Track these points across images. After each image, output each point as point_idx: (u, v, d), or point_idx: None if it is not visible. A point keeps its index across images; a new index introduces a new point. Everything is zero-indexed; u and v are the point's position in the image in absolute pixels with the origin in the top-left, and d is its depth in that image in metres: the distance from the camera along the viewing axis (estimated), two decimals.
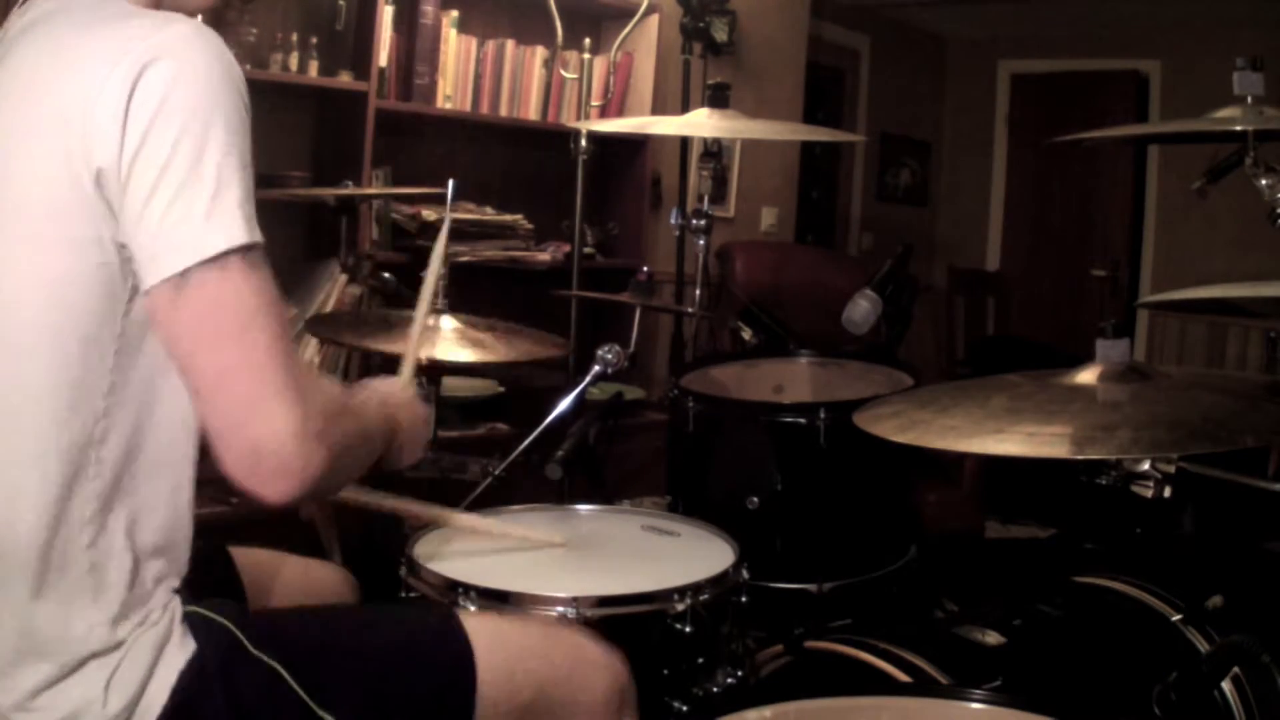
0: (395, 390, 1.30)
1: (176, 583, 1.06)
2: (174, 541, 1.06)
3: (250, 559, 1.39)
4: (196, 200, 0.93)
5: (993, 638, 1.47)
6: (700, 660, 1.40)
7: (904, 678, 1.37)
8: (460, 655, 1.15)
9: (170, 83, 0.94)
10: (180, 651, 1.03)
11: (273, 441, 0.95)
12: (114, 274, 0.97)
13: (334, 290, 2.82)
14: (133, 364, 1.00)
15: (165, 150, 0.93)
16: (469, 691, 1.14)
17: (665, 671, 1.37)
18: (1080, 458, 1.18)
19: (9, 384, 0.99)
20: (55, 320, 0.97)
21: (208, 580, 1.12)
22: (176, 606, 1.05)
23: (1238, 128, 1.34)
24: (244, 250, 0.95)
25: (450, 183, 2.14)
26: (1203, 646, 1.50)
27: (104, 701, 0.98)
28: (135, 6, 1.03)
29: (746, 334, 2.36)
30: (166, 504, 1.04)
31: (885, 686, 1.32)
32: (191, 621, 1.05)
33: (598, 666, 1.24)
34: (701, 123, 2.23)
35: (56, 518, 0.98)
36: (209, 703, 1.02)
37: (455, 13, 3.34)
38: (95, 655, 0.99)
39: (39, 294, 0.97)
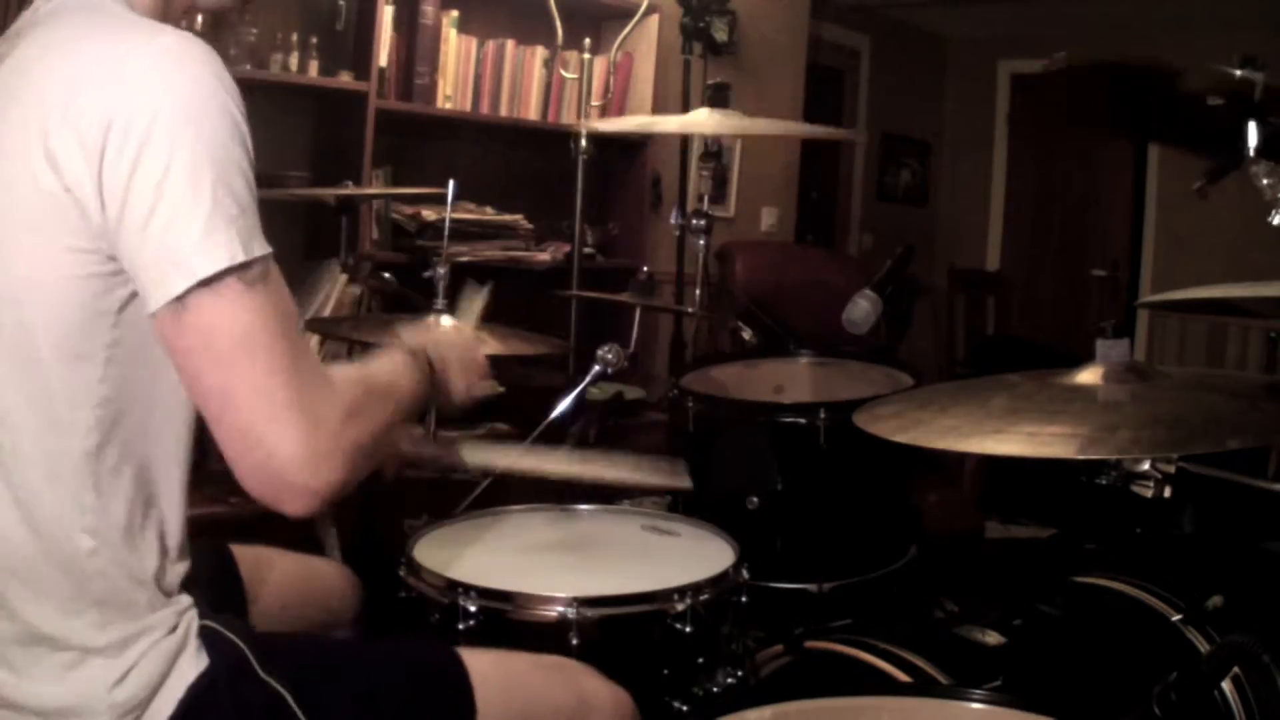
0: (441, 331, 1.29)
1: (186, 592, 1.06)
2: (176, 549, 1.05)
3: (251, 557, 1.39)
4: (192, 222, 0.92)
5: (993, 638, 1.47)
6: (700, 660, 1.40)
7: (904, 678, 1.37)
8: (460, 696, 1.14)
9: (155, 108, 0.92)
10: (194, 664, 1.03)
11: (279, 463, 0.94)
12: (101, 285, 0.96)
13: (334, 290, 2.82)
14: (128, 375, 0.99)
15: (157, 175, 0.91)
16: None
17: (665, 671, 1.37)
18: (1080, 458, 1.18)
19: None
20: (35, 330, 0.96)
21: (208, 579, 1.12)
22: (193, 618, 1.05)
23: (1237, 72, 1.31)
24: (241, 269, 0.93)
25: (450, 183, 2.14)
26: (1203, 646, 1.50)
27: (109, 701, 0.99)
28: (128, 13, 1.01)
29: (746, 334, 2.36)
30: (168, 513, 1.04)
31: (885, 686, 1.32)
32: (205, 635, 1.05)
33: (604, 707, 1.22)
34: (702, 121, 2.23)
35: (52, 526, 0.98)
36: (214, 718, 1.02)
37: (455, 13, 3.34)
38: (100, 653, 0.99)
39: (18, 302, 0.96)
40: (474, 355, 1.31)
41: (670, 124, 2.39)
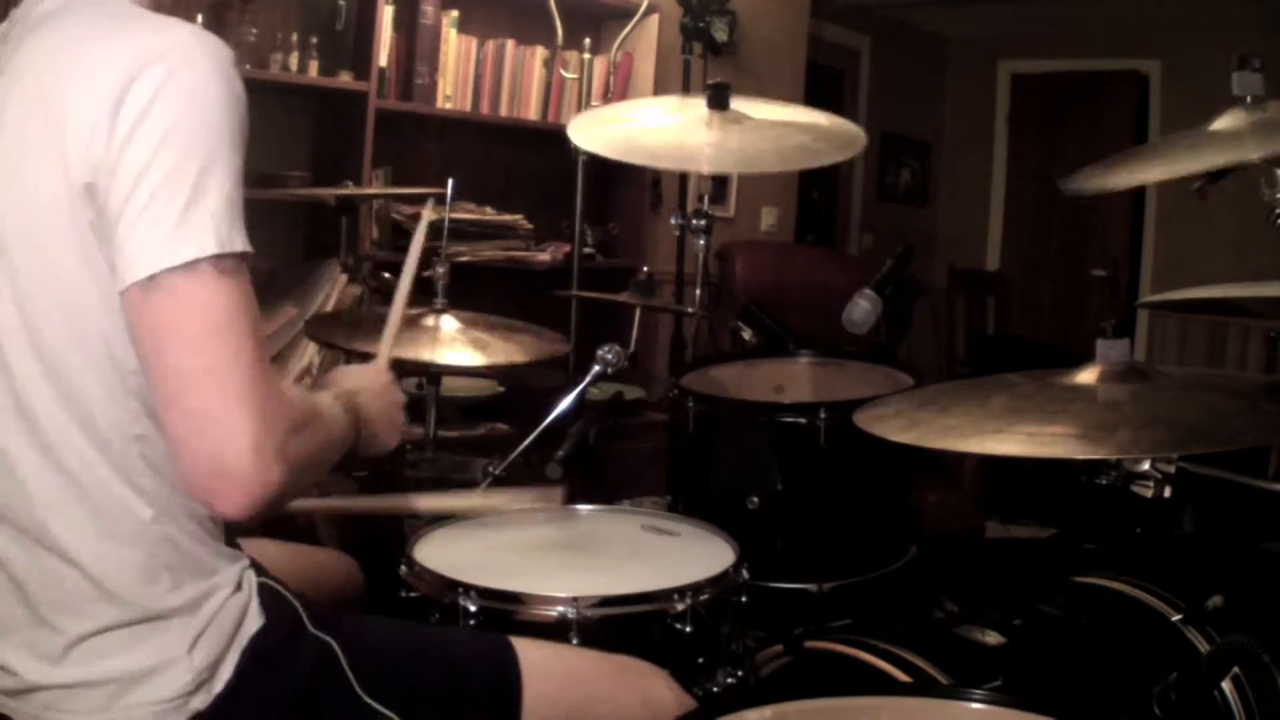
0: (367, 378, 1.28)
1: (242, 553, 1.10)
2: None
3: (260, 551, 1.39)
4: (171, 206, 0.93)
5: (993, 638, 1.47)
6: (700, 660, 1.40)
7: (904, 678, 1.37)
8: (508, 678, 1.15)
9: (157, 89, 0.93)
10: (255, 621, 1.06)
11: (229, 454, 0.94)
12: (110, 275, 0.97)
13: (334, 290, 2.82)
14: None
15: (146, 155, 0.93)
16: (513, 711, 1.14)
17: (665, 671, 1.37)
18: (1080, 458, 1.18)
19: (41, 379, 0.99)
20: (89, 317, 0.98)
21: None
22: (253, 576, 1.09)
23: (1252, 158, 1.31)
24: (216, 259, 0.94)
25: (450, 182, 2.14)
26: (1203, 646, 1.50)
27: (189, 663, 1.01)
28: (138, 8, 1.03)
29: (746, 334, 2.36)
30: None
31: (885, 686, 1.32)
32: (262, 593, 1.08)
33: (668, 714, 1.21)
34: (698, 146, 2.12)
35: (111, 501, 1.00)
36: (270, 674, 1.05)
37: (455, 13, 3.34)
38: (177, 614, 1.02)
39: (59, 295, 0.98)
40: (395, 412, 1.29)
41: (662, 146, 2.24)
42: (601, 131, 2.26)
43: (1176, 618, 1.54)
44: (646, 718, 1.20)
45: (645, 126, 2.26)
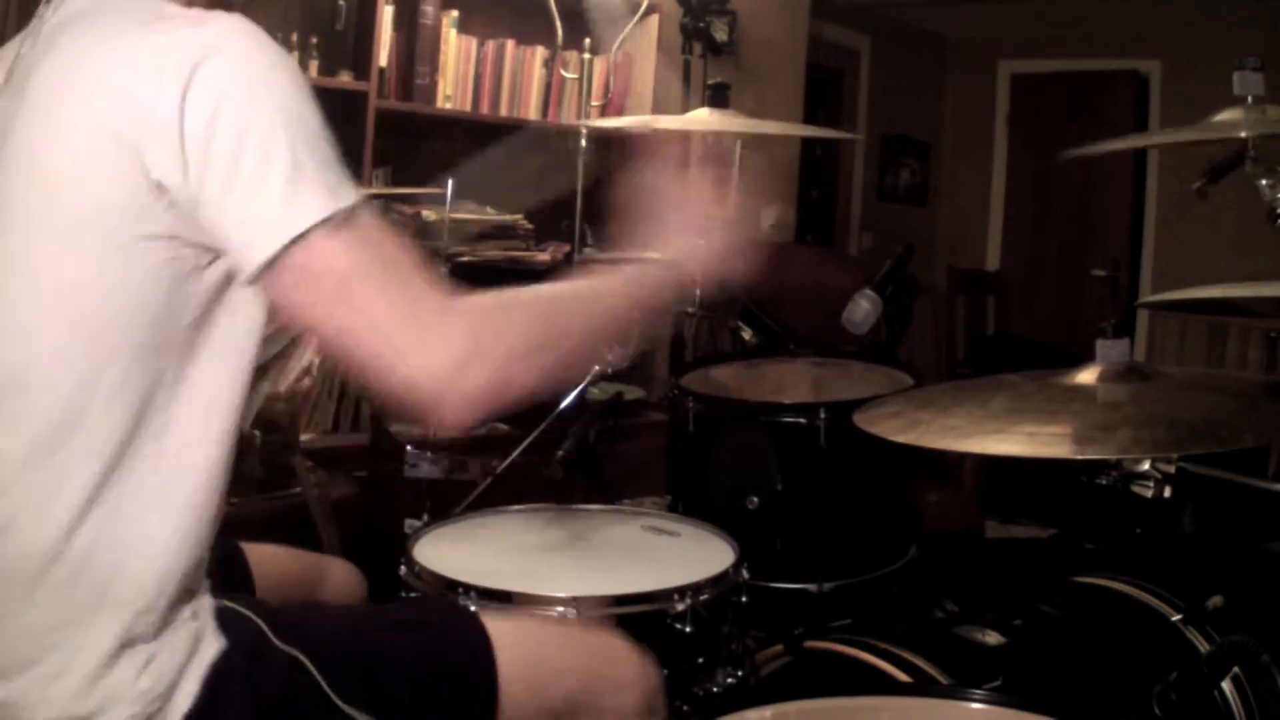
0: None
1: (206, 579, 1.07)
2: (205, 539, 1.06)
3: (262, 555, 1.39)
4: (273, 185, 0.94)
5: (993, 638, 1.47)
6: (700, 660, 1.40)
7: (904, 678, 1.37)
8: (481, 658, 1.14)
9: (224, 78, 0.94)
10: (213, 644, 1.04)
11: (412, 384, 0.97)
12: (180, 272, 0.97)
13: None
14: (195, 362, 1.01)
15: (232, 144, 0.93)
16: (491, 693, 1.13)
17: (665, 671, 1.37)
18: (1080, 458, 1.18)
19: (48, 388, 0.97)
20: (103, 324, 0.96)
21: (220, 575, 1.12)
22: (209, 601, 1.06)
23: (1242, 134, 1.33)
24: (326, 221, 0.96)
25: (449, 182, 2.14)
26: (1203, 646, 1.50)
27: (134, 691, 0.98)
28: (171, 6, 1.02)
29: (746, 334, 2.36)
30: (204, 504, 1.04)
31: (885, 686, 1.32)
32: (221, 616, 1.06)
33: (629, 669, 1.22)
34: (703, 119, 2.23)
35: (84, 514, 0.98)
36: (235, 696, 1.03)
37: (455, 13, 3.34)
38: (128, 647, 0.99)
39: (74, 292, 0.96)
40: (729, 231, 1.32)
41: (671, 121, 2.40)
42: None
43: (1176, 618, 1.53)
44: (608, 676, 1.21)
45: None
